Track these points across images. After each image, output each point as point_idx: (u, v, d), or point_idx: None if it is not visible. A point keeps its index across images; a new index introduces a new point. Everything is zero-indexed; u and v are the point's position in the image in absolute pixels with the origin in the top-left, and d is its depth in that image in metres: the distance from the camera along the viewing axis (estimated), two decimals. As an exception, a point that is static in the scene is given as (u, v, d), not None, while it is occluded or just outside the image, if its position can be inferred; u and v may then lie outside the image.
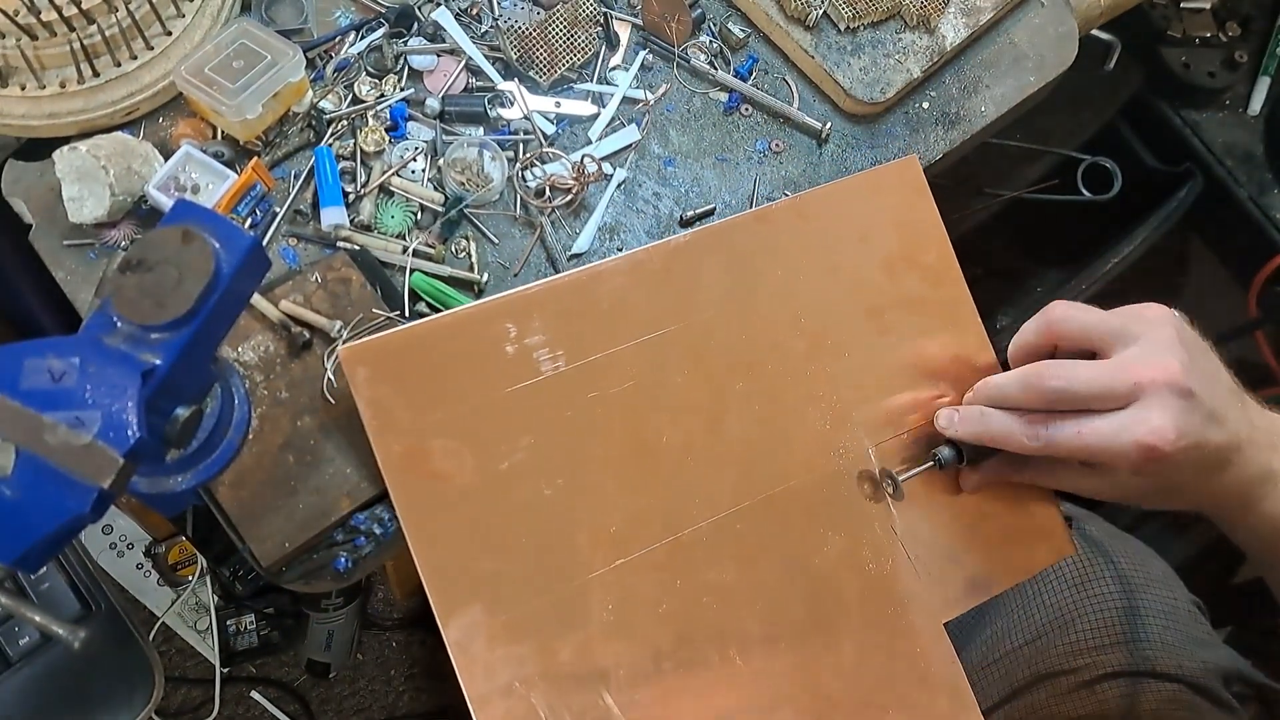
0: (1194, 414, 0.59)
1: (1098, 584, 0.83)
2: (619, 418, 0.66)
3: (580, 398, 0.65)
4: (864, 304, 0.73)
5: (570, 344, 0.66)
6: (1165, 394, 0.59)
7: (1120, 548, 0.87)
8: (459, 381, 0.63)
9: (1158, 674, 0.78)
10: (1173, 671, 0.78)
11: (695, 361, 0.68)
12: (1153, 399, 0.59)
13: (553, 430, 0.64)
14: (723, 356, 0.69)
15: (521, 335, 0.65)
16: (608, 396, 0.66)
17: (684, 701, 0.63)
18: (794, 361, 0.71)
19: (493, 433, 0.63)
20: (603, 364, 0.66)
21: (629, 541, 0.64)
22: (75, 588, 0.75)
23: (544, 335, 0.65)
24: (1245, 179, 1.14)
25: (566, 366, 0.65)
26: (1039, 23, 0.88)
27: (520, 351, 0.65)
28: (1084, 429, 0.60)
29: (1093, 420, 0.60)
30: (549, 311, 0.66)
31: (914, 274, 0.75)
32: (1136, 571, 0.84)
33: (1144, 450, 0.58)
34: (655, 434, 0.66)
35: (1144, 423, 0.59)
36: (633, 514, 0.65)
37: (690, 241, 0.70)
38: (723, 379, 0.69)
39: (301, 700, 1.40)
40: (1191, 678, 0.78)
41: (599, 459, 0.65)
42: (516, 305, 0.65)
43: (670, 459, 0.66)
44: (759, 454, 0.69)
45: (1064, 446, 0.61)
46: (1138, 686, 0.78)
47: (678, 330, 0.68)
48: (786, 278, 0.72)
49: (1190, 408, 0.59)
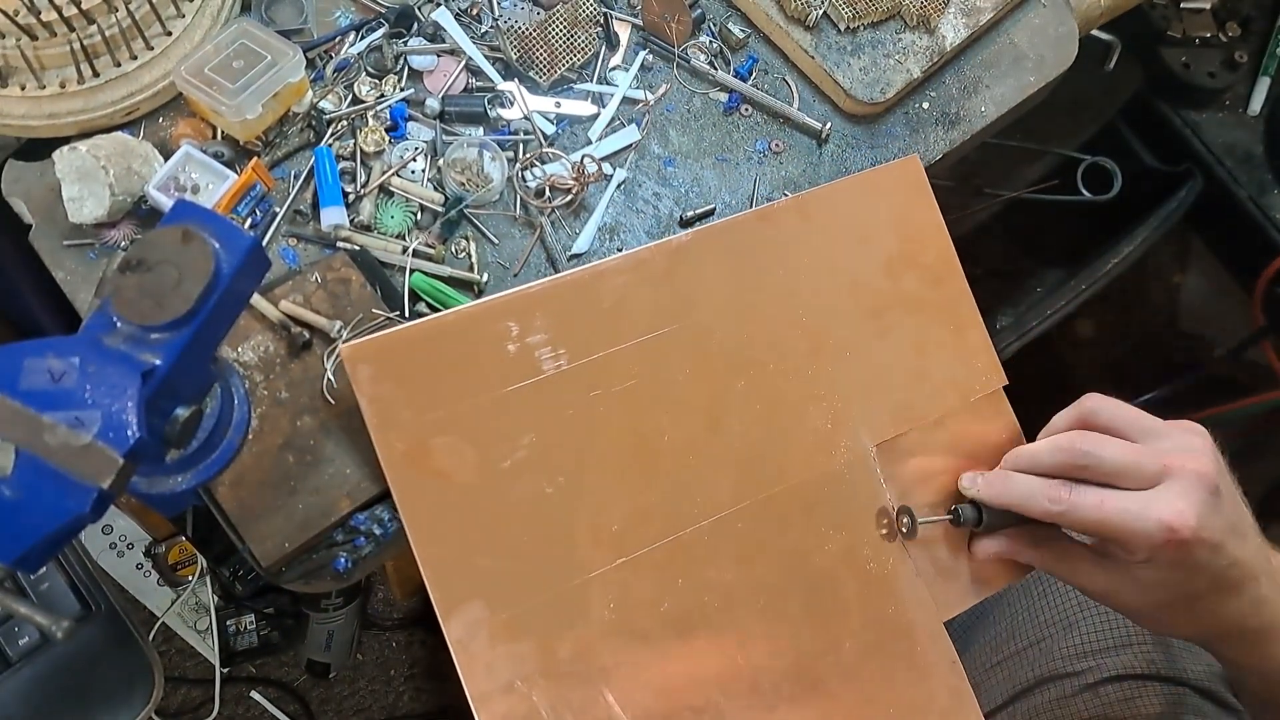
0: (1218, 514, 0.59)
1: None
2: (620, 416, 0.66)
3: (582, 396, 0.65)
4: (865, 303, 0.73)
5: (572, 343, 0.66)
6: (1193, 482, 0.59)
7: None
8: (461, 380, 0.63)
9: (1162, 677, 0.78)
10: (1176, 674, 0.78)
11: (697, 360, 0.68)
12: (1180, 484, 0.59)
13: (554, 429, 0.64)
14: (724, 356, 0.69)
15: (523, 334, 0.65)
16: (609, 395, 0.66)
17: (684, 699, 0.63)
18: (795, 361, 0.71)
19: (494, 431, 0.64)
20: (604, 363, 0.66)
21: (630, 540, 0.64)
22: (75, 588, 0.75)
23: (546, 334, 0.65)
24: (1245, 179, 1.14)
25: (568, 365, 0.65)
26: (1039, 23, 0.88)
27: (522, 350, 0.65)
28: (1107, 500, 0.60)
29: (1117, 494, 0.60)
30: (551, 310, 0.66)
31: (915, 273, 0.75)
32: None
33: (1164, 530, 0.58)
34: (657, 433, 0.66)
35: (1169, 504, 0.58)
36: (634, 512, 0.65)
37: (692, 241, 0.70)
38: (724, 378, 0.69)
39: (301, 700, 1.40)
40: (1195, 680, 0.78)
41: (600, 457, 0.65)
42: (518, 304, 0.65)
43: (671, 458, 0.67)
44: (760, 453, 0.69)
45: (1084, 515, 0.61)
46: (1142, 689, 0.78)
47: (679, 329, 0.68)
48: (788, 277, 0.72)
49: (1216, 505, 0.59)
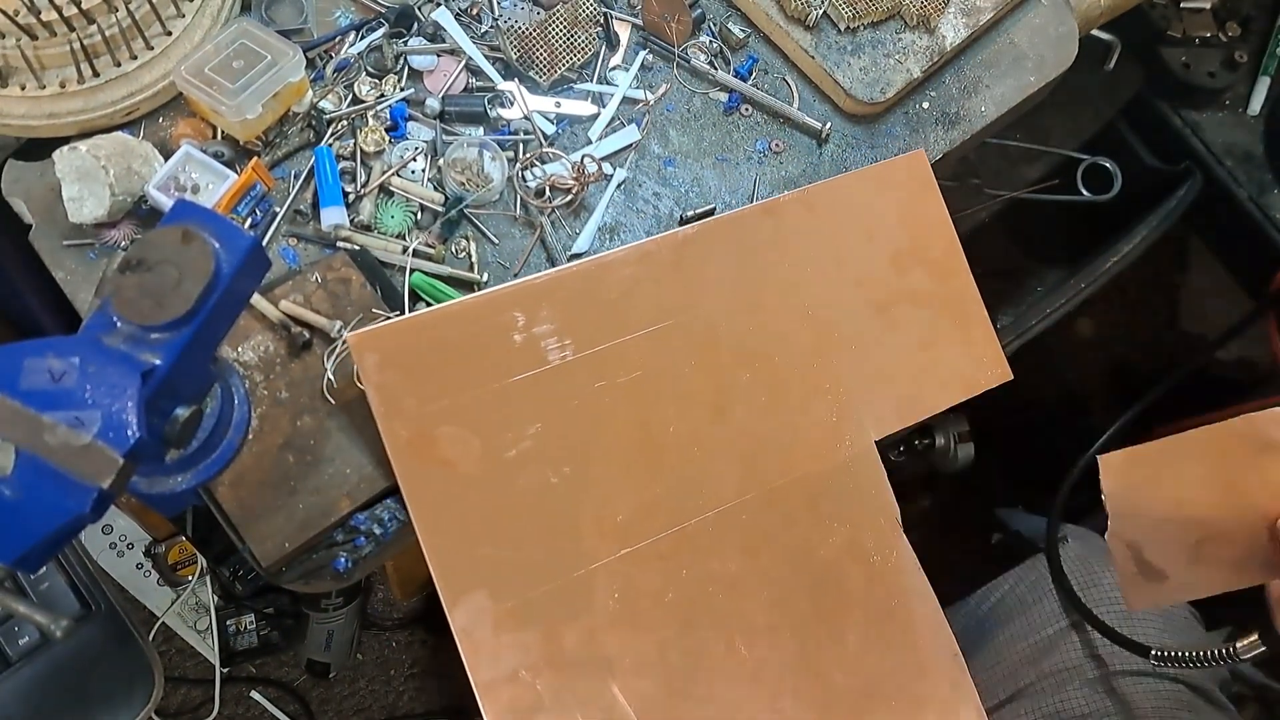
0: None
1: (1097, 590, 0.84)
2: (626, 408, 0.66)
3: (588, 387, 0.65)
4: (871, 297, 0.73)
5: (578, 333, 0.66)
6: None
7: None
8: (467, 370, 0.64)
9: (1158, 674, 0.79)
10: (1172, 673, 0.78)
11: (702, 353, 0.68)
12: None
13: (560, 419, 0.65)
14: (729, 348, 0.69)
15: (530, 325, 0.65)
16: (615, 386, 0.66)
17: (689, 689, 0.64)
18: (800, 354, 0.71)
19: (500, 420, 0.64)
20: (610, 354, 0.66)
21: (635, 531, 0.65)
22: (75, 588, 0.75)
23: (552, 324, 0.65)
24: (1245, 179, 1.14)
25: (574, 356, 0.65)
26: (1039, 23, 0.88)
27: (528, 341, 0.65)
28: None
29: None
30: (557, 301, 0.66)
31: (922, 268, 0.75)
32: None
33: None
34: (662, 424, 0.67)
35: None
36: (639, 503, 0.65)
37: (698, 233, 0.70)
38: (730, 370, 0.69)
39: (301, 700, 1.40)
40: (1190, 679, 0.79)
41: (606, 448, 0.65)
42: (525, 294, 0.65)
43: (676, 449, 0.67)
44: (765, 445, 0.69)
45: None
46: (1139, 685, 0.79)
47: (685, 321, 0.68)
48: (794, 270, 0.72)
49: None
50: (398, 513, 0.66)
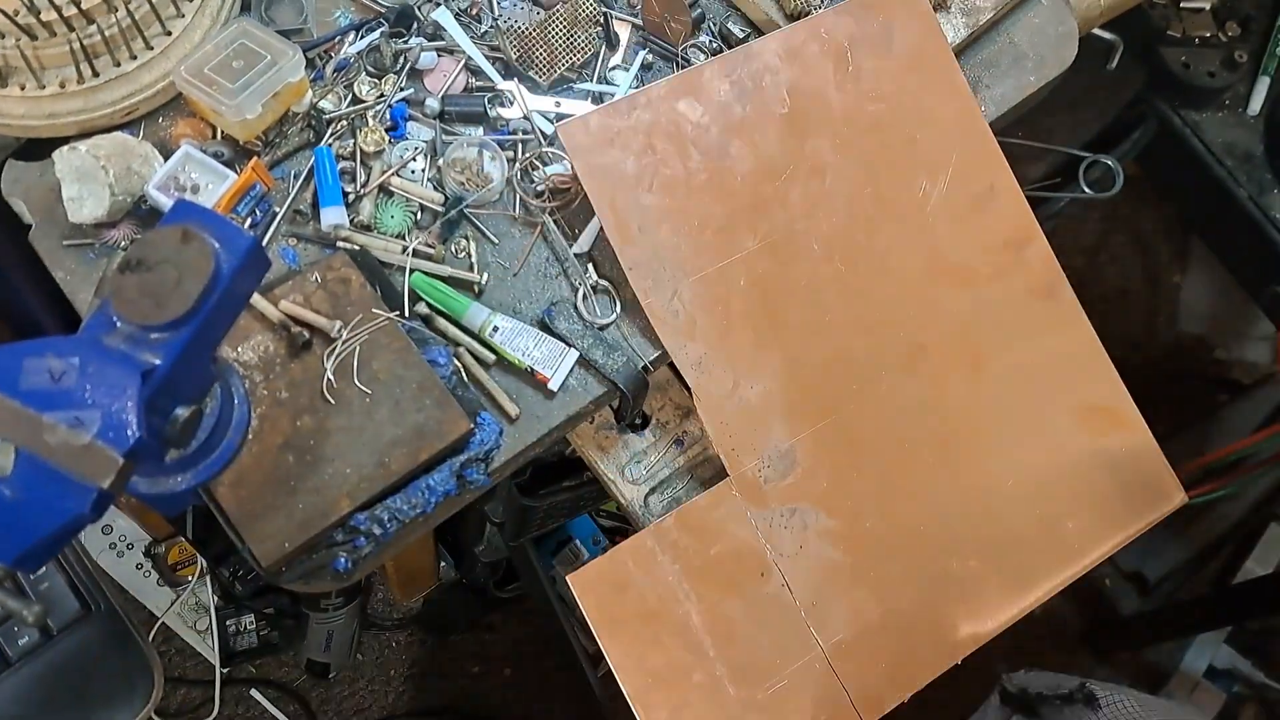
0: None
1: None
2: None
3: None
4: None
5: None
6: None
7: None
8: None
9: None
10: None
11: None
12: None
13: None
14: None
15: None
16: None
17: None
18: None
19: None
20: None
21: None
22: (75, 588, 0.75)
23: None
24: (1245, 179, 1.14)
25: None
26: (1039, 23, 0.88)
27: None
28: None
29: None
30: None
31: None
32: None
33: None
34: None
35: None
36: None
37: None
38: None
39: (301, 700, 1.40)
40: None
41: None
42: None
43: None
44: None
45: None
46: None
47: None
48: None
49: None
50: (398, 513, 0.66)
